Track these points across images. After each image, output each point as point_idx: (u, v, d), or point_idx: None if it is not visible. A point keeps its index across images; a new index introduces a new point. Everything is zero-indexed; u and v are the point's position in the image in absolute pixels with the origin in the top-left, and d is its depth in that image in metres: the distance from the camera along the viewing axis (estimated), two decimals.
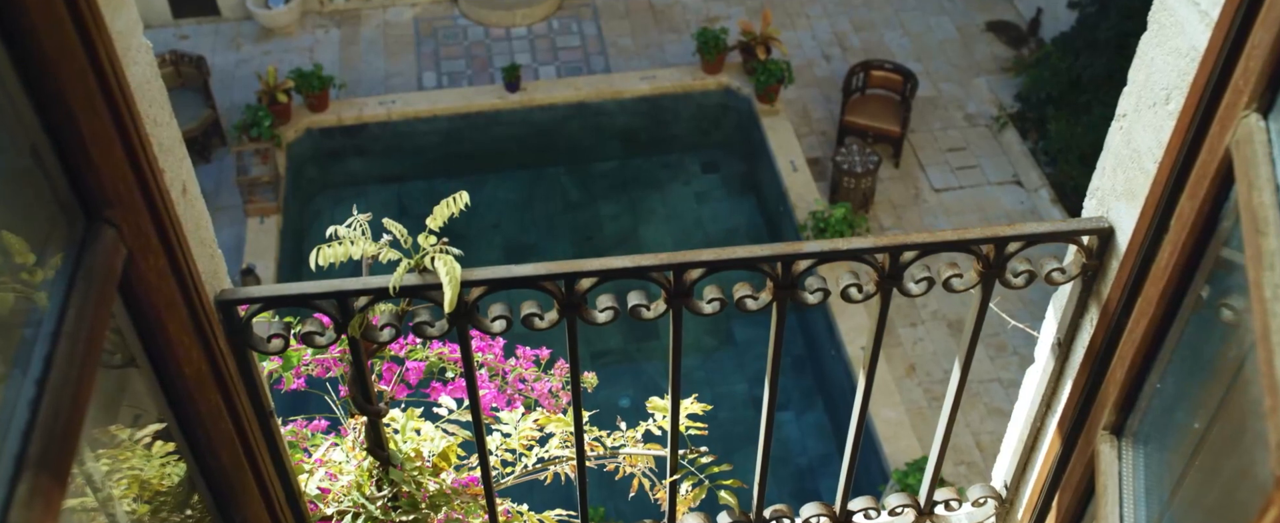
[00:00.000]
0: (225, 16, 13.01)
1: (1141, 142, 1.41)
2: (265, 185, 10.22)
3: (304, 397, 2.49)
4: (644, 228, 11.25)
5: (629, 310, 1.62)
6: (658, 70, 11.89)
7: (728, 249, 1.56)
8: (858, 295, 1.57)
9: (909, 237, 1.49)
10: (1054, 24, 12.29)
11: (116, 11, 1.11)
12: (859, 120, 11.08)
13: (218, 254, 1.52)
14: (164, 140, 1.30)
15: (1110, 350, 1.52)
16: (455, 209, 1.58)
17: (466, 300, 1.57)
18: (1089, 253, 1.57)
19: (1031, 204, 11.00)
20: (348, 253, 1.58)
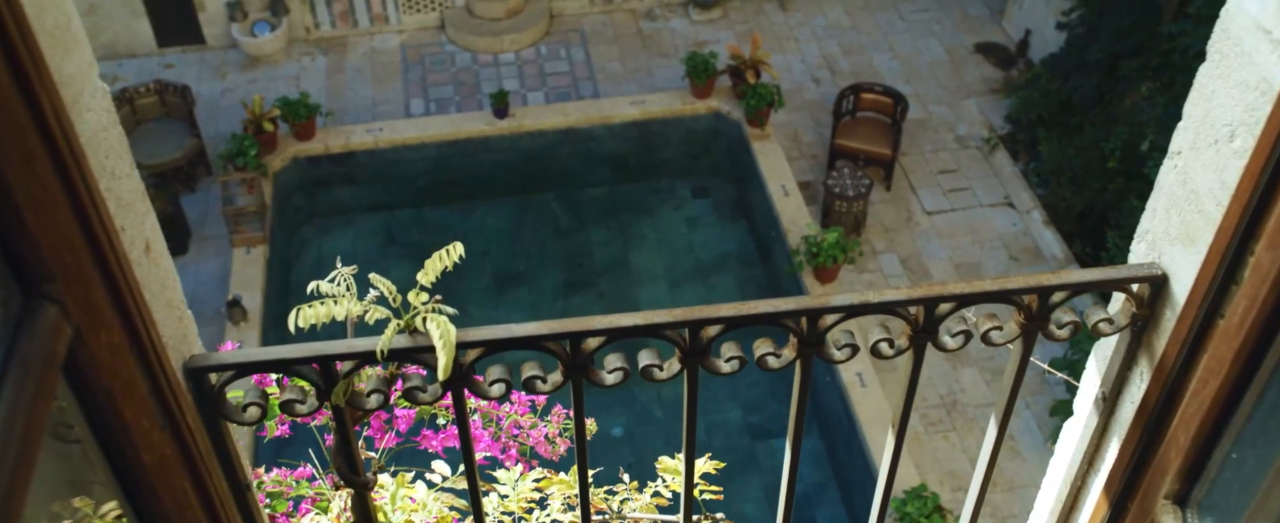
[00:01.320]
0: (210, 45, 12.90)
1: (1201, 182, 1.30)
2: (251, 215, 10.08)
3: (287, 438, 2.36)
4: (635, 254, 11.14)
5: (640, 371, 1.49)
6: (647, 95, 11.81)
7: (748, 304, 1.44)
8: (889, 351, 1.45)
9: (945, 287, 1.38)
10: (1043, 45, 12.27)
11: (66, 54, 0.99)
12: (850, 144, 11.01)
13: (187, 316, 1.39)
14: (124, 194, 1.17)
15: (1168, 411, 1.40)
16: (449, 262, 1.45)
17: (462, 363, 1.44)
18: (1139, 302, 1.46)
19: (1023, 226, 10.92)
20: (330, 314, 1.44)
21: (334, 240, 11.30)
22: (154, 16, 12.58)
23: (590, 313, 10.67)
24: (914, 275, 10.44)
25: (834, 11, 13.55)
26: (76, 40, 1.02)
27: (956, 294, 1.38)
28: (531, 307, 10.72)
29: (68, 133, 0.94)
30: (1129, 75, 10.26)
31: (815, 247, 9.62)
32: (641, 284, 10.86)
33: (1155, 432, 1.44)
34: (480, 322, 6.90)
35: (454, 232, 11.43)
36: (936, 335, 1.45)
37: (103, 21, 12.52)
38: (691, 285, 10.86)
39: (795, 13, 13.55)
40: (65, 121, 0.94)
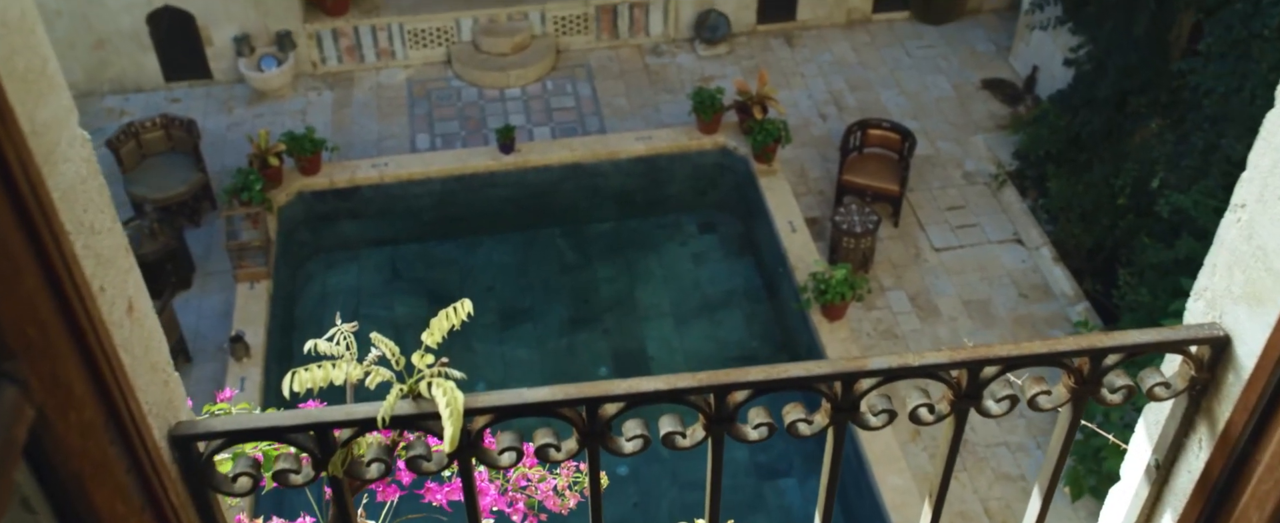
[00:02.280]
0: (217, 80, 12.91)
1: (1268, 238, 1.21)
2: (256, 250, 10.01)
3: None
4: (641, 290, 11.04)
5: (661, 438, 1.39)
6: (653, 131, 11.76)
7: (779, 367, 1.34)
8: (929, 417, 1.35)
9: (991, 350, 1.28)
10: (1050, 81, 12.22)
11: (40, 100, 0.91)
12: (857, 180, 10.94)
13: (173, 379, 1.29)
14: (104, 251, 1.08)
15: (1235, 485, 1.30)
16: (456, 321, 1.35)
17: (470, 430, 1.35)
18: (1198, 365, 1.36)
19: (1033, 263, 10.82)
20: (329, 378, 1.34)
21: (338, 275, 11.22)
22: (161, 51, 12.59)
23: (595, 348, 10.54)
24: (922, 312, 10.34)
25: (840, 47, 13.54)
26: (52, 85, 0.93)
27: (1003, 357, 1.28)
28: (536, 342, 10.62)
29: (37, 189, 0.85)
30: (1138, 112, 10.20)
31: (823, 284, 9.52)
32: (647, 320, 10.76)
33: (1219, 507, 1.34)
34: (486, 358, 6.81)
35: (459, 267, 11.35)
36: (980, 400, 1.35)
37: (110, 56, 12.53)
38: (698, 322, 10.76)
39: (802, 48, 13.54)
40: (34, 176, 0.85)
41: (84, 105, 12.66)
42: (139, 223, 10.27)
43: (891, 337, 10.12)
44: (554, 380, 9.47)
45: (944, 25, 13.88)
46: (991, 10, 14.05)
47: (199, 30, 12.50)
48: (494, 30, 12.93)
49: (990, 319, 10.27)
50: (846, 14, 13.82)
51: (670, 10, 13.31)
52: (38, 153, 0.88)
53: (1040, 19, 11.78)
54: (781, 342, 10.60)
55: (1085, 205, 10.51)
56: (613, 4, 13.17)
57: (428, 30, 12.99)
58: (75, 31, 12.24)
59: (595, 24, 13.28)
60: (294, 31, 12.65)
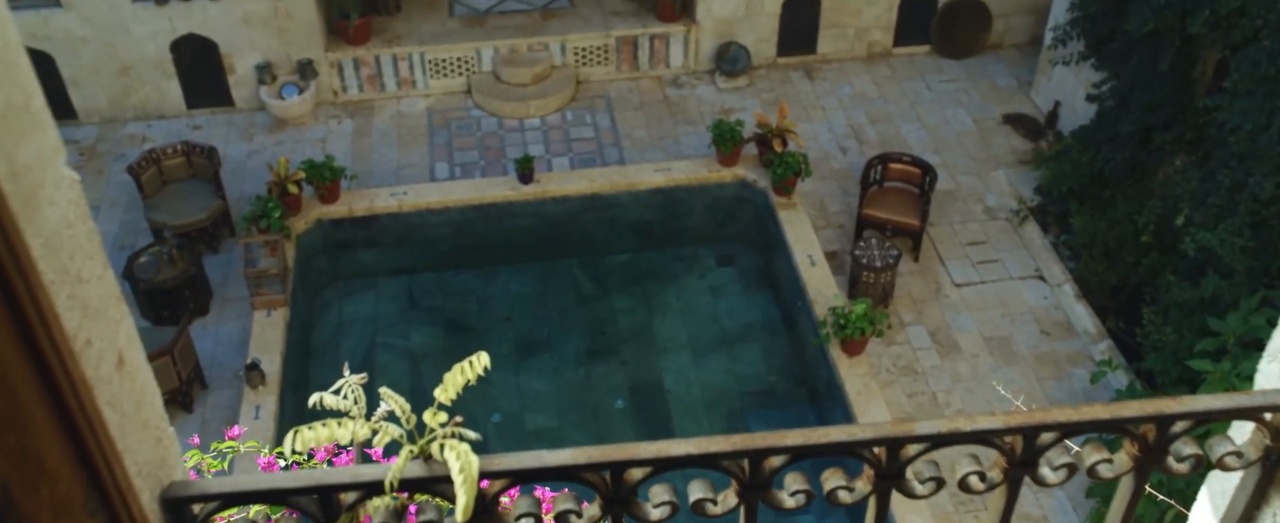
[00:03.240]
0: (239, 107, 12.95)
1: None
2: (273, 278, 9.97)
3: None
4: (658, 322, 10.94)
5: (691, 505, 1.30)
6: (672, 162, 11.71)
7: (819, 431, 1.24)
8: (980, 485, 1.26)
9: (1048, 414, 1.19)
10: (1072, 117, 12.12)
11: (21, 139, 0.83)
12: (877, 213, 10.84)
13: (167, 436, 1.21)
14: (92, 301, 1.00)
15: None
16: (471, 376, 1.26)
17: (485, 495, 1.25)
18: (1274, 433, 1.27)
19: (1055, 300, 10.68)
20: (333, 438, 1.25)
21: (355, 304, 11.17)
22: (184, 79, 12.64)
23: (612, 380, 10.41)
24: (943, 349, 10.20)
25: (861, 81, 13.48)
26: (37, 122, 0.86)
27: (1062, 422, 1.19)
28: (553, 373, 10.52)
29: (11, 237, 0.78)
30: (1162, 148, 10.08)
31: (842, 318, 9.41)
32: (665, 353, 10.65)
33: None
34: (502, 389, 6.68)
35: (476, 297, 11.28)
36: (1036, 468, 1.26)
37: (134, 83, 12.59)
38: (715, 355, 10.65)
39: (822, 81, 13.49)
40: (8, 222, 0.77)
41: (107, 132, 12.72)
42: (158, 249, 10.26)
43: (911, 373, 9.98)
44: (570, 412, 9.38)
45: (965, 60, 13.81)
46: (1013, 45, 13.98)
47: (222, 58, 12.55)
48: (514, 61, 12.94)
49: (1011, 356, 10.13)
50: (867, 48, 13.77)
51: (690, 42, 13.30)
52: (16, 196, 0.81)
53: (1063, 54, 11.69)
54: (800, 377, 10.48)
55: (1108, 242, 10.37)
56: (633, 35, 13.17)
57: (449, 60, 13.01)
58: (100, 58, 12.31)
59: (615, 55, 13.28)
60: (316, 60, 12.69)
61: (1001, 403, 9.41)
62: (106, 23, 12.04)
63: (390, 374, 10.41)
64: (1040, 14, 13.55)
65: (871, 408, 9.26)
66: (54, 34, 12.04)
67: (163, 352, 9.10)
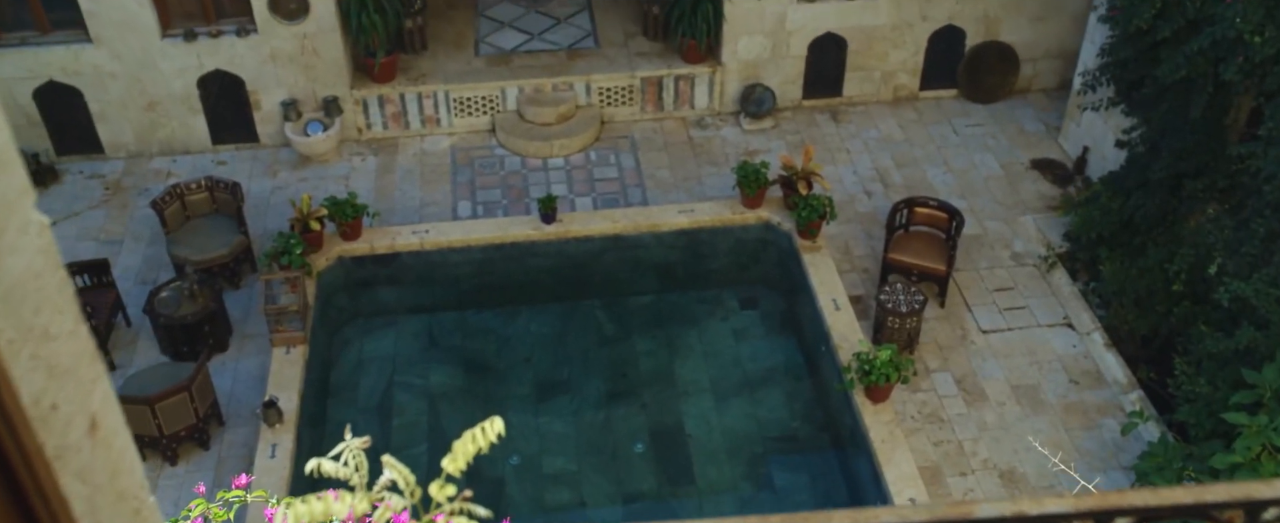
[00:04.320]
0: (264, 143, 13.01)
1: None
2: (293, 315, 9.94)
3: None
4: (680, 365, 10.83)
5: None
6: (696, 204, 11.65)
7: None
8: None
9: (1123, 497, 1.09)
10: (1101, 163, 12.00)
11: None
12: (903, 258, 10.73)
13: (147, 506, 1.11)
14: (61, 360, 0.91)
15: None
16: (484, 444, 1.16)
17: None
18: None
19: (1084, 348, 10.50)
20: (330, 514, 1.15)
21: (375, 342, 11.12)
22: (210, 114, 12.73)
23: (632, 423, 10.30)
24: (969, 396, 10.04)
25: (887, 124, 13.42)
26: (2, 163, 0.79)
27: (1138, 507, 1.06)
28: (573, 415, 10.41)
29: None
30: (1194, 195, 9.94)
31: (867, 364, 9.27)
32: (686, 396, 10.53)
33: None
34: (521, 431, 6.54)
35: (496, 336, 11.21)
36: None
37: (161, 118, 12.68)
38: (737, 400, 10.51)
39: (848, 124, 13.43)
40: None
41: (133, 166, 12.80)
42: (179, 284, 10.26)
43: (937, 421, 9.81)
44: (589, 456, 9.24)
45: (993, 104, 13.74)
46: (1041, 90, 13.90)
47: (248, 94, 12.63)
48: (539, 100, 12.96)
49: (1039, 405, 9.94)
50: (893, 91, 13.73)
51: (716, 84, 13.29)
52: None
53: (1092, 100, 11.60)
54: (823, 423, 10.32)
55: (1139, 290, 10.20)
56: (658, 76, 13.18)
57: (473, 99, 13.04)
58: (128, 93, 12.42)
59: (640, 96, 13.28)
60: (341, 97, 12.76)
61: (1031, 456, 9.22)
62: (135, 58, 12.15)
63: (408, 414, 10.33)
64: (1068, 59, 13.48)
65: (896, 456, 9.09)
66: (84, 69, 12.16)
67: (181, 388, 9.06)
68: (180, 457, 9.43)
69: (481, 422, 1.20)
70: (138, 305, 10.60)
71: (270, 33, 12.18)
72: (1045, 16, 13.32)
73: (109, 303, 10.31)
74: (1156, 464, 8.29)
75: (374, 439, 6.58)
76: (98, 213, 12.16)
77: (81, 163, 12.83)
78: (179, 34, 12.13)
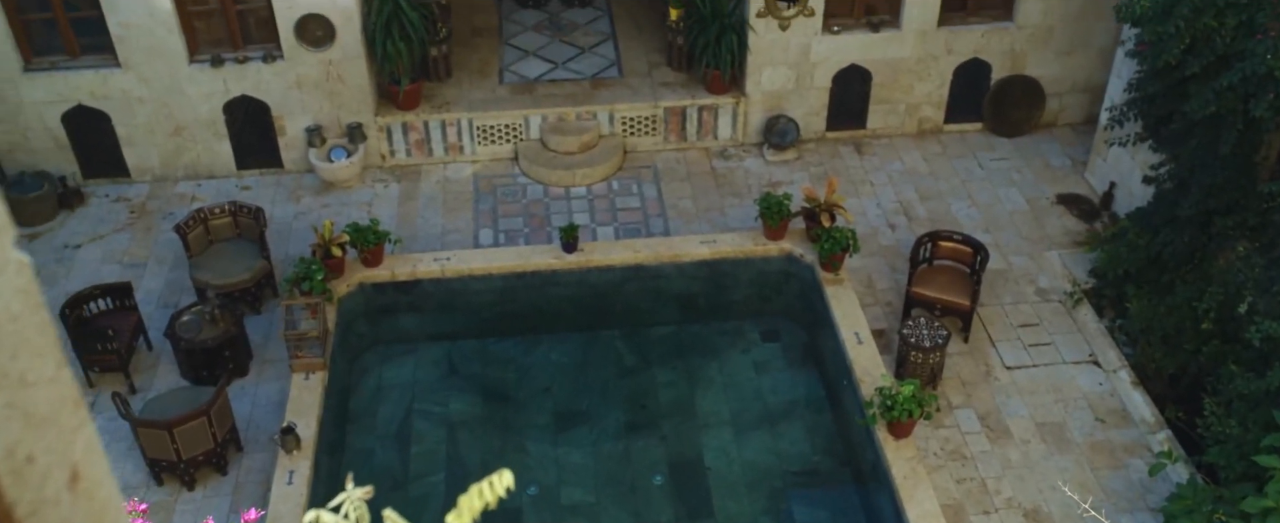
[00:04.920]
0: (288, 169, 13.07)
1: None
2: (313, 341, 9.92)
3: None
4: (701, 396, 10.74)
5: None
6: (718, 234, 11.60)
7: None
8: None
9: None
10: (1128, 199, 11.89)
11: None
12: (927, 292, 10.63)
13: None
14: (40, 408, 0.85)
15: None
16: (491, 499, 1.11)
17: None
18: None
19: (1110, 386, 10.36)
20: None
21: (394, 369, 11.09)
22: (236, 140, 12.80)
23: (651, 455, 10.25)
24: (993, 433, 9.91)
25: (911, 157, 13.36)
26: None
27: None
28: (591, 446, 10.33)
29: None
30: (1224, 233, 9.81)
31: (889, 399, 9.16)
32: (706, 429, 10.44)
33: None
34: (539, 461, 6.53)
35: (516, 365, 11.16)
36: None
37: (187, 143, 12.75)
38: (758, 433, 10.41)
39: (871, 157, 13.38)
40: None
41: (158, 190, 12.87)
42: (201, 309, 10.28)
43: (960, 458, 9.69)
44: (607, 487, 9.18)
45: (1018, 138, 13.66)
46: (1067, 124, 13.82)
47: (273, 120, 12.70)
48: (562, 129, 12.97)
49: (1065, 444, 9.80)
50: (918, 124, 13.67)
51: (739, 114, 13.28)
52: None
53: (1119, 135, 11.52)
54: (844, 458, 10.20)
55: (1167, 328, 10.06)
56: (682, 107, 13.18)
57: (497, 127, 13.07)
58: (155, 118, 12.50)
59: (663, 126, 13.28)
60: (365, 124, 12.81)
61: (1056, 495, 9.08)
62: (163, 83, 12.24)
63: (427, 442, 10.28)
64: (1095, 93, 13.41)
65: (918, 493, 8.96)
66: (112, 93, 12.26)
67: (200, 412, 9.04)
68: (198, 482, 9.40)
69: (490, 475, 1.14)
70: (160, 329, 10.61)
71: (296, 59, 12.26)
72: (1072, 51, 13.26)
73: (131, 326, 10.33)
74: (1186, 507, 8.14)
75: (392, 467, 6.55)
76: (122, 236, 12.22)
77: (108, 186, 12.91)
78: (206, 59, 12.23)
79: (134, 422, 9.03)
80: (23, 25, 11.95)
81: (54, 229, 12.29)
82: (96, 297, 10.31)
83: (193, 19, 12.11)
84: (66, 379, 0.90)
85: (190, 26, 12.12)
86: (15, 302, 0.80)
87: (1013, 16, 13.02)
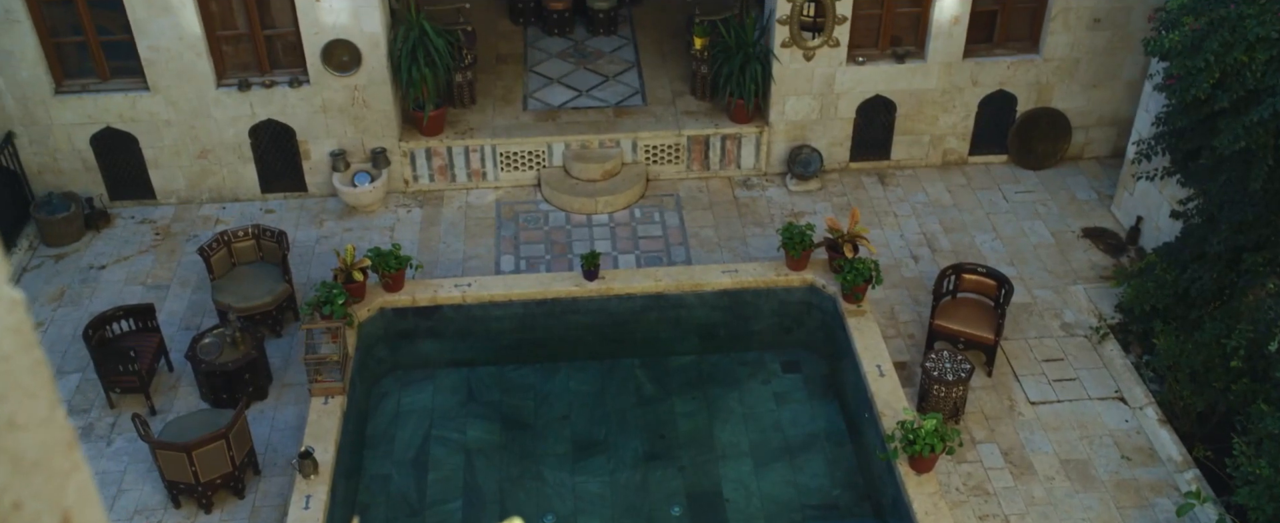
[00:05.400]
0: (311, 193, 13.13)
1: None
2: (333, 365, 9.92)
3: None
4: (720, 427, 10.65)
5: None
6: (740, 264, 11.54)
7: None
8: None
9: None
10: (1156, 234, 11.77)
11: None
12: (950, 325, 10.53)
13: None
14: (29, 452, 0.82)
15: None
16: None
17: None
18: None
19: (1137, 423, 10.20)
20: None
21: (413, 394, 11.06)
22: (261, 163, 12.88)
23: (669, 486, 10.17)
24: (1016, 469, 9.76)
25: (935, 188, 13.28)
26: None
27: None
28: (609, 475, 10.26)
29: None
30: (1254, 270, 9.68)
31: (911, 433, 9.05)
32: (725, 460, 10.34)
33: None
34: (557, 489, 6.49)
35: (535, 392, 11.11)
36: None
37: (213, 166, 12.84)
38: (777, 465, 10.31)
39: (895, 188, 13.31)
40: None
41: (183, 212, 12.95)
42: (222, 331, 10.30)
43: (982, 494, 9.55)
44: (625, 518, 9.10)
45: (1043, 170, 13.57)
46: (1093, 157, 13.72)
47: (298, 144, 12.77)
48: (585, 156, 12.98)
49: (1090, 481, 9.64)
50: (942, 155, 13.61)
51: (763, 144, 13.26)
52: None
53: (1146, 169, 11.41)
54: (864, 492, 10.08)
55: (1195, 366, 9.91)
56: (705, 135, 13.17)
57: (520, 153, 13.09)
58: (182, 141, 12.60)
59: (687, 154, 13.27)
60: (389, 149, 12.86)
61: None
62: (191, 107, 12.34)
63: (444, 468, 10.23)
64: (1122, 126, 13.31)
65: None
66: (140, 116, 12.37)
67: (219, 435, 9.03)
68: (215, 505, 9.38)
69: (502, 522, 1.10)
70: (181, 350, 10.64)
71: (322, 84, 12.34)
72: (1098, 84, 13.18)
73: (153, 348, 10.36)
74: None
75: (409, 493, 6.49)
76: (147, 257, 12.28)
77: (134, 208, 13.00)
78: (233, 83, 12.33)
79: (153, 444, 9.03)
80: (55, 48, 12.09)
81: (80, 250, 12.38)
82: (119, 318, 10.36)
83: (221, 43, 12.22)
84: (60, 421, 0.86)
85: (219, 51, 12.23)
86: (6, 341, 0.77)
87: (1039, 49, 12.97)
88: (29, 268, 12.09)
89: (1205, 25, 9.32)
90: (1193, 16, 9.45)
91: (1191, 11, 9.51)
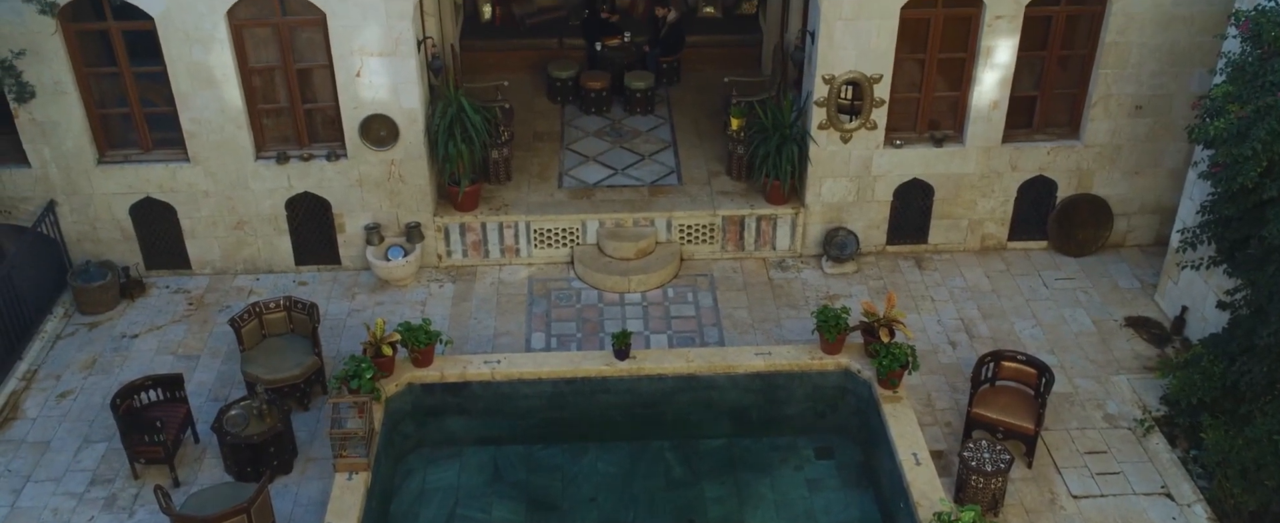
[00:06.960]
0: (345, 266, 13.15)
1: None
2: (359, 440, 9.78)
3: None
4: (750, 513, 10.37)
5: None
6: (774, 347, 11.35)
7: None
8: None
9: None
10: (1201, 325, 11.48)
11: None
12: (989, 414, 10.26)
13: None
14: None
15: None
16: None
17: None
18: None
19: (1184, 521, 9.82)
20: None
21: (439, 472, 10.89)
22: (296, 236, 12.94)
23: None
24: None
25: (973, 273, 13.09)
26: None
27: None
28: None
29: None
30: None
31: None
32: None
33: None
34: None
35: (562, 473, 10.91)
36: None
37: (248, 237, 12.91)
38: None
39: (932, 272, 13.13)
40: None
41: (217, 282, 13.00)
42: (249, 403, 10.23)
43: None
44: None
45: (1084, 257, 13.35)
46: (1136, 245, 13.49)
47: (334, 217, 12.83)
48: (619, 235, 12.94)
49: None
50: (981, 240, 13.43)
51: (798, 225, 13.16)
52: None
53: (1191, 258, 11.18)
54: None
55: (1245, 462, 9.56)
56: (740, 216, 13.10)
57: (554, 230, 13.07)
58: (219, 212, 12.70)
59: (722, 234, 13.19)
60: (423, 224, 12.89)
61: None
62: (229, 178, 12.46)
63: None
64: (1165, 214, 13.11)
65: None
66: (179, 186, 12.50)
67: (240, 510, 8.89)
68: None
69: None
70: (208, 421, 10.57)
71: (359, 158, 12.43)
72: (1140, 171, 13.01)
73: (180, 418, 10.29)
74: None
75: None
76: (179, 327, 12.30)
77: (169, 277, 13.07)
78: (272, 156, 12.45)
79: (174, 517, 8.90)
80: (100, 120, 12.29)
81: (114, 318, 12.42)
82: (148, 387, 10.32)
83: (262, 116, 12.37)
84: None
85: (259, 124, 12.38)
86: None
87: (1080, 135, 12.85)
88: (63, 335, 12.12)
89: (1252, 113, 9.17)
90: (1239, 104, 9.31)
91: (1237, 99, 9.37)
